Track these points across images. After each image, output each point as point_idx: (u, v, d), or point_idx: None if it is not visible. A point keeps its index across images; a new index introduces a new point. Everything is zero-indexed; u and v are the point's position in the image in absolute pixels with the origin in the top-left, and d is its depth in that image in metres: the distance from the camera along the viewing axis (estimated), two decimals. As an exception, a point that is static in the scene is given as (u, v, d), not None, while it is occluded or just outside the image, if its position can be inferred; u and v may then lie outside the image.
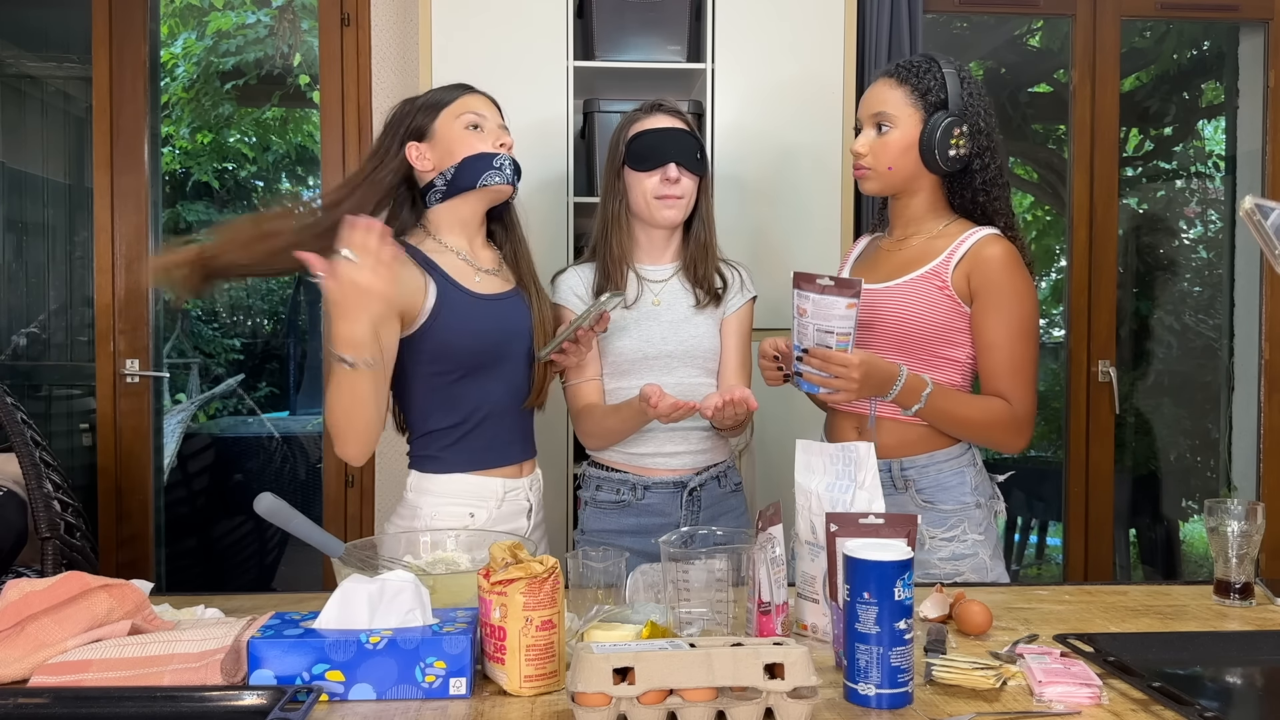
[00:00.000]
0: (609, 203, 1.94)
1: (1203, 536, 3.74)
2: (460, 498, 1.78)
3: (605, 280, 1.92)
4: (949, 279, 1.75)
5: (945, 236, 1.80)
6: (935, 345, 1.77)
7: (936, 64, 1.78)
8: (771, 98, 2.57)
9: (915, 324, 1.76)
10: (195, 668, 1.17)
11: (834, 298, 1.64)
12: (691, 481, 1.93)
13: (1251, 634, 1.44)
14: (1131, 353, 3.89)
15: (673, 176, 1.86)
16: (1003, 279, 1.73)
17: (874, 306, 1.78)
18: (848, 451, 1.43)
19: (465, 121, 1.76)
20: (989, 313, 1.74)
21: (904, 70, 1.79)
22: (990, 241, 1.75)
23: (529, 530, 1.83)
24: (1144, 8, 3.22)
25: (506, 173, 1.77)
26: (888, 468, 1.77)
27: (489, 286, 1.80)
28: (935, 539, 1.77)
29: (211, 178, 5.11)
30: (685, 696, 1.08)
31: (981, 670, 1.19)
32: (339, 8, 2.99)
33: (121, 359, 3.05)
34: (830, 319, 1.64)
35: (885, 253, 1.87)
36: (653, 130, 1.88)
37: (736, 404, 1.70)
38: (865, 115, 1.82)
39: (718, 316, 1.96)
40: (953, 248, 1.77)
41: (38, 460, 2.27)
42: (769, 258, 2.52)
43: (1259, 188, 3.26)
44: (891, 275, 1.80)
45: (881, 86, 1.81)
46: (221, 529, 4.00)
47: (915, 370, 1.74)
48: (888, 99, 1.79)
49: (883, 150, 1.78)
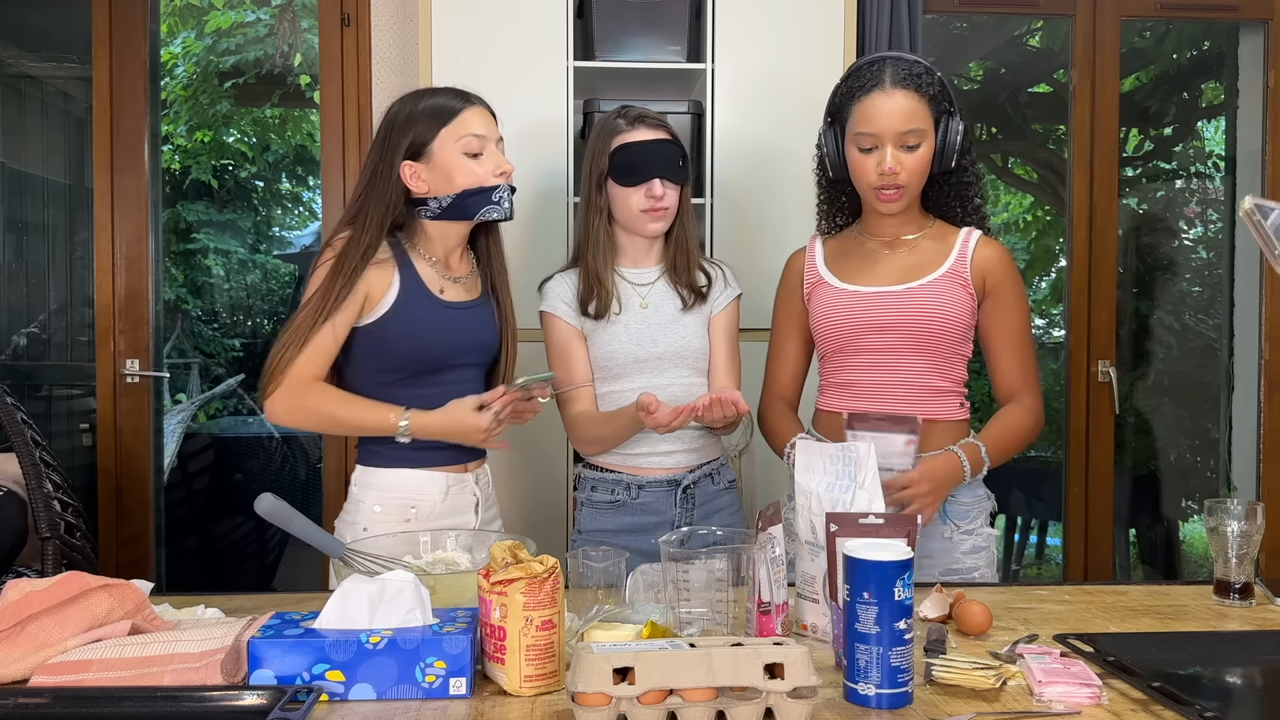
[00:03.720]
0: (590, 213, 1.94)
1: (1203, 536, 3.74)
2: (401, 492, 1.78)
3: (588, 290, 1.92)
4: (969, 278, 1.78)
5: (941, 237, 1.82)
6: (955, 343, 1.79)
7: (930, 67, 1.76)
8: (771, 98, 2.57)
9: (942, 324, 1.77)
10: (195, 668, 1.17)
11: (892, 434, 1.63)
12: (685, 480, 1.94)
13: (1251, 634, 1.45)
14: (1131, 353, 3.89)
15: (658, 193, 1.87)
16: (1014, 279, 1.80)
17: (901, 308, 1.77)
18: (848, 451, 1.44)
19: (464, 147, 1.71)
20: (1004, 311, 1.79)
21: (917, 80, 1.73)
22: (990, 242, 1.81)
23: (477, 525, 1.81)
24: (1144, 8, 3.22)
25: (505, 206, 1.75)
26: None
27: (455, 294, 1.80)
28: (959, 531, 1.79)
29: (210, 177, 5.11)
30: (685, 696, 1.08)
31: (981, 670, 1.19)
32: (339, 8, 2.99)
33: (121, 359, 3.05)
34: (890, 456, 1.62)
35: (874, 255, 1.84)
36: (637, 144, 1.88)
37: (725, 404, 1.71)
38: (886, 131, 1.71)
39: (705, 316, 1.97)
40: (960, 247, 1.79)
41: (38, 460, 2.27)
42: (768, 258, 2.52)
43: (1259, 188, 3.26)
44: (905, 277, 1.79)
45: (904, 99, 1.71)
46: (221, 529, 4.01)
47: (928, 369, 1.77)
48: (915, 113, 1.72)
49: (914, 165, 1.74)
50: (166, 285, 4.41)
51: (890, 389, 1.79)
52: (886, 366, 1.79)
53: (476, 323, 1.81)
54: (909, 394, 1.79)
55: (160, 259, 3.18)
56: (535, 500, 2.51)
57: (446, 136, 1.71)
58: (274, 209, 5.87)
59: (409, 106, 1.75)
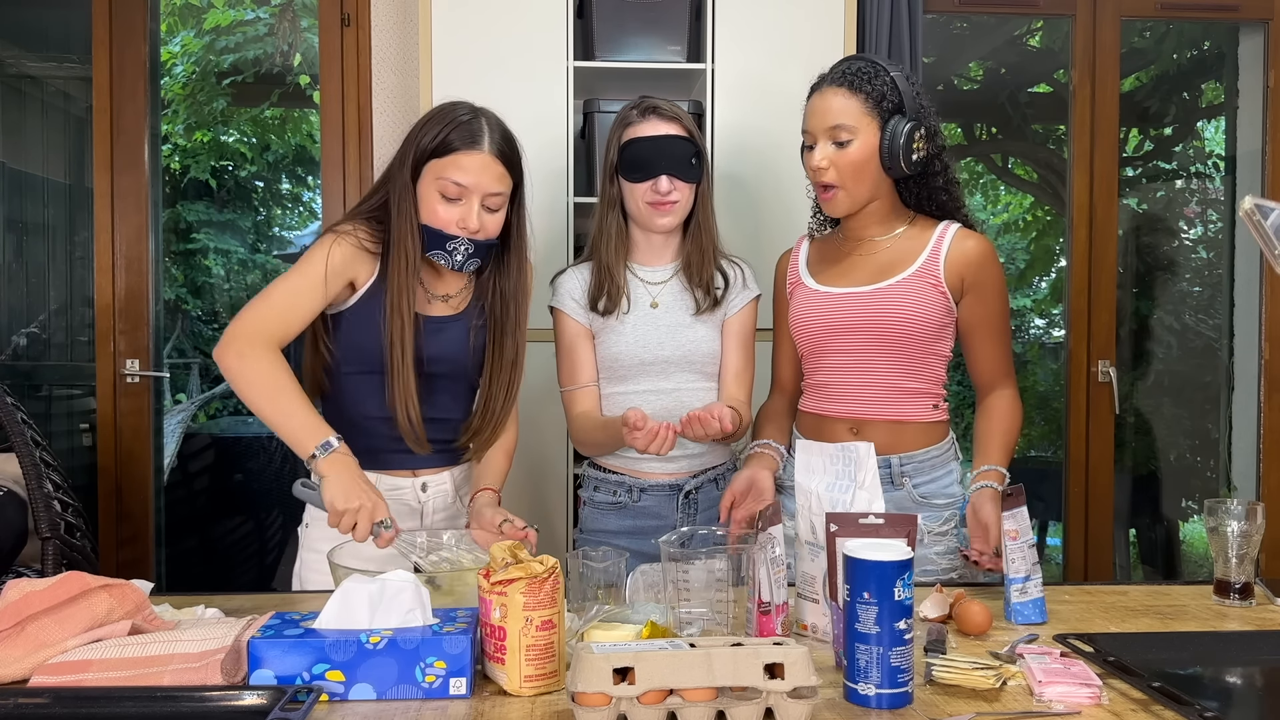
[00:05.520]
0: (603, 204, 1.93)
1: (1203, 536, 3.74)
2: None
3: (599, 285, 1.90)
4: (941, 276, 1.76)
5: (916, 235, 1.81)
6: (928, 342, 1.78)
7: (882, 68, 1.75)
8: (771, 98, 2.56)
9: (913, 323, 1.76)
10: (195, 668, 1.17)
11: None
12: (687, 485, 1.93)
13: (1251, 634, 1.45)
14: (1131, 353, 3.89)
15: (664, 190, 1.84)
16: (994, 274, 1.79)
17: (867, 309, 1.77)
18: (848, 451, 1.44)
19: (441, 189, 1.66)
20: (983, 305, 1.78)
21: (854, 78, 1.73)
22: (968, 236, 1.79)
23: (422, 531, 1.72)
24: (1144, 8, 3.22)
25: (456, 259, 1.68)
26: (886, 464, 1.77)
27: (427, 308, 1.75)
28: (931, 534, 1.78)
29: (209, 177, 5.11)
30: (685, 696, 1.08)
31: (981, 670, 1.19)
32: (339, 7, 2.99)
33: (121, 359, 3.05)
34: None
35: (850, 256, 1.84)
36: (645, 139, 1.85)
37: (704, 422, 1.68)
38: (818, 128, 1.74)
39: (718, 319, 1.94)
40: (933, 245, 1.78)
41: (38, 460, 2.27)
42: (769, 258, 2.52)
43: (1259, 188, 3.26)
44: (875, 278, 1.79)
45: (832, 97, 1.74)
46: (221, 529, 4.01)
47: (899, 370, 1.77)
48: (844, 110, 1.73)
49: (845, 163, 1.74)
50: (166, 285, 4.41)
51: (861, 391, 1.79)
52: (857, 368, 1.79)
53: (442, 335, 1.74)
54: (880, 396, 1.78)
55: (160, 259, 3.18)
56: (535, 500, 2.51)
57: (431, 170, 1.67)
58: (274, 209, 5.87)
59: (433, 118, 1.70)
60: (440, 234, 1.67)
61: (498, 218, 1.71)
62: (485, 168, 1.66)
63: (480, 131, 1.67)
